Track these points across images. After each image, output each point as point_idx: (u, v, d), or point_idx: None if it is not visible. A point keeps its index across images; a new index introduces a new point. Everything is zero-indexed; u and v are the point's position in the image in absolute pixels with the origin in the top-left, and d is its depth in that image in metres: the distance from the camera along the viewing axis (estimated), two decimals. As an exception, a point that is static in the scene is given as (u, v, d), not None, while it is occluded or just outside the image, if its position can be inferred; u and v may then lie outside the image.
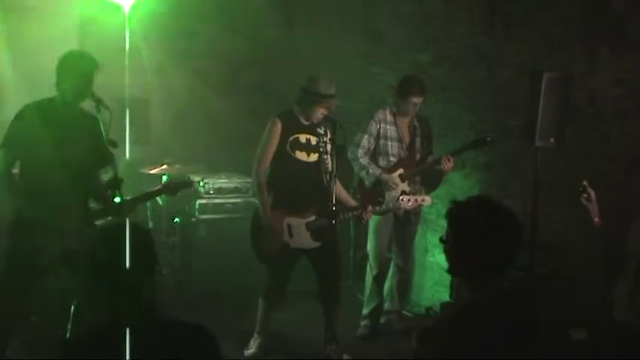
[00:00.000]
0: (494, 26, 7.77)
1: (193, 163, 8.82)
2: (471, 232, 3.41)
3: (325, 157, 6.64)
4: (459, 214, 3.49)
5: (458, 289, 5.28)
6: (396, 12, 9.06)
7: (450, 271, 3.60)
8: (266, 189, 6.71)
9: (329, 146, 6.69)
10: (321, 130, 6.68)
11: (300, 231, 6.68)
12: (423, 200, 7.11)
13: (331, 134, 6.70)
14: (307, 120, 6.72)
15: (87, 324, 6.30)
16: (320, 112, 6.63)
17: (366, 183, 7.46)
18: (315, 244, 6.72)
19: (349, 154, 7.43)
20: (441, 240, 3.55)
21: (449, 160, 7.20)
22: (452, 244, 3.48)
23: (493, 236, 3.38)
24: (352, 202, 6.94)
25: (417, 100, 7.33)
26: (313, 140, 6.72)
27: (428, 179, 7.57)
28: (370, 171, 7.40)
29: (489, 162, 7.90)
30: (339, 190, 6.79)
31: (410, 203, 6.94)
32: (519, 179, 7.28)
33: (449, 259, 3.53)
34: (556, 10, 7.16)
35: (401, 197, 6.93)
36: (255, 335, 6.98)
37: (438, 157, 7.30)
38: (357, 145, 7.44)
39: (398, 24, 9.03)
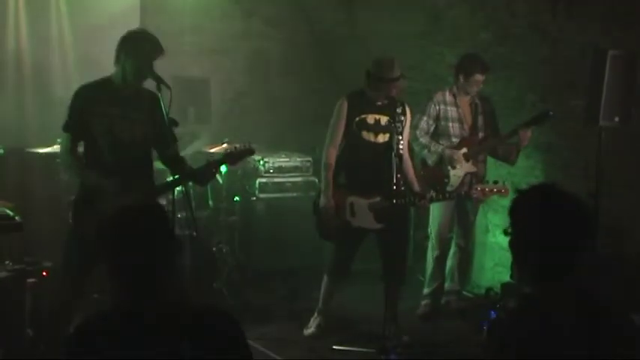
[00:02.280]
0: (556, 4, 7.66)
1: (253, 142, 8.83)
2: (533, 229, 3.17)
3: (398, 137, 6.59)
4: (518, 207, 3.25)
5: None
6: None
7: (513, 265, 3.40)
8: (332, 169, 6.74)
9: (406, 127, 6.68)
10: (399, 110, 6.63)
11: (362, 211, 6.66)
12: (500, 191, 6.70)
13: (408, 114, 6.69)
14: (379, 100, 6.70)
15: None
16: (384, 96, 6.61)
17: (429, 162, 7.39)
18: (379, 225, 6.69)
19: (408, 136, 7.37)
20: (505, 232, 3.31)
21: (526, 132, 7.07)
22: (514, 240, 3.25)
23: (558, 233, 3.13)
24: (416, 187, 6.87)
25: (480, 78, 7.25)
26: (384, 121, 6.67)
27: (504, 154, 7.46)
28: (432, 148, 7.33)
29: (551, 142, 7.81)
30: (407, 171, 6.82)
31: (486, 194, 6.78)
32: (581, 159, 7.20)
33: (512, 254, 3.27)
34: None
35: (475, 187, 6.83)
36: (316, 314, 7.01)
37: (514, 130, 7.18)
38: (416, 127, 7.37)
39: (458, 2, 8.94)
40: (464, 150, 7.34)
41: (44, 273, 6.27)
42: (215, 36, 9.78)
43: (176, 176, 5.79)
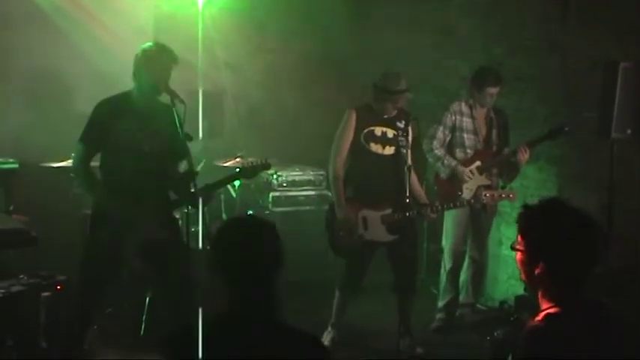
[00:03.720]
0: (567, 16, 7.67)
1: (266, 156, 8.85)
2: (546, 244, 3.17)
3: (404, 150, 6.61)
4: (530, 223, 3.25)
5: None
6: (469, 3, 9.00)
7: (523, 280, 3.34)
8: (342, 181, 6.72)
9: (409, 140, 6.69)
10: (400, 124, 6.65)
11: (375, 224, 6.66)
12: (508, 196, 6.95)
13: (411, 128, 6.71)
14: (386, 113, 6.71)
15: (161, 317, 6.38)
16: (392, 108, 6.64)
17: (442, 175, 7.40)
18: (391, 238, 6.69)
19: (424, 146, 7.38)
20: (512, 248, 3.32)
21: (525, 152, 7.09)
22: (525, 256, 3.24)
23: (570, 249, 3.13)
24: (423, 199, 6.89)
25: (493, 90, 7.26)
26: (390, 133, 6.70)
27: (504, 171, 7.47)
28: (445, 162, 7.34)
29: (564, 154, 7.81)
30: (413, 183, 6.78)
31: (494, 199, 6.88)
32: (594, 172, 7.19)
33: (522, 270, 3.28)
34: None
35: (484, 193, 6.86)
36: (329, 328, 6.99)
37: (514, 149, 7.21)
38: (432, 137, 7.40)
39: (470, 16, 8.96)
40: (477, 163, 7.34)
41: (58, 287, 6.28)
42: (228, 50, 9.81)
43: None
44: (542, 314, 3.18)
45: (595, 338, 3.09)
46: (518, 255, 3.26)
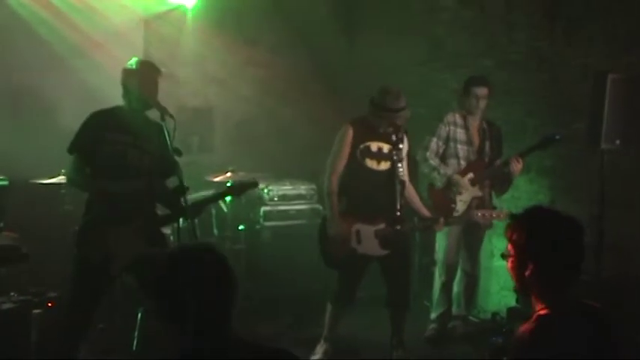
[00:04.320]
0: (555, 29, 7.70)
1: (257, 171, 8.86)
2: (533, 247, 3.27)
3: (398, 164, 6.62)
4: (515, 228, 3.35)
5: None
6: (457, 17, 9.02)
7: (516, 288, 3.43)
8: (336, 196, 6.70)
9: (403, 153, 6.70)
10: (394, 136, 6.64)
11: (368, 238, 6.65)
12: (499, 216, 6.89)
13: (405, 140, 6.72)
14: (382, 128, 6.70)
15: (153, 333, 6.37)
16: (388, 125, 6.61)
17: (438, 184, 7.35)
18: (384, 252, 6.67)
19: (418, 157, 7.37)
20: (503, 256, 3.43)
21: (518, 162, 7.09)
22: (514, 260, 3.35)
23: (558, 250, 3.25)
24: (425, 212, 6.89)
25: (479, 91, 7.27)
26: (385, 148, 6.68)
27: (497, 183, 7.48)
28: (441, 171, 7.31)
29: (554, 165, 7.83)
30: (412, 197, 6.82)
31: (485, 218, 6.89)
32: (585, 182, 7.20)
33: (513, 276, 3.38)
34: (619, 12, 7.08)
35: (476, 212, 6.87)
36: (322, 341, 6.98)
37: (506, 159, 7.21)
38: (426, 148, 7.39)
39: (458, 30, 8.98)
40: (470, 175, 7.33)
41: (50, 304, 6.27)
42: (218, 65, 9.82)
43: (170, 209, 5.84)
44: (534, 316, 3.24)
45: (585, 339, 3.15)
46: (509, 262, 3.34)
